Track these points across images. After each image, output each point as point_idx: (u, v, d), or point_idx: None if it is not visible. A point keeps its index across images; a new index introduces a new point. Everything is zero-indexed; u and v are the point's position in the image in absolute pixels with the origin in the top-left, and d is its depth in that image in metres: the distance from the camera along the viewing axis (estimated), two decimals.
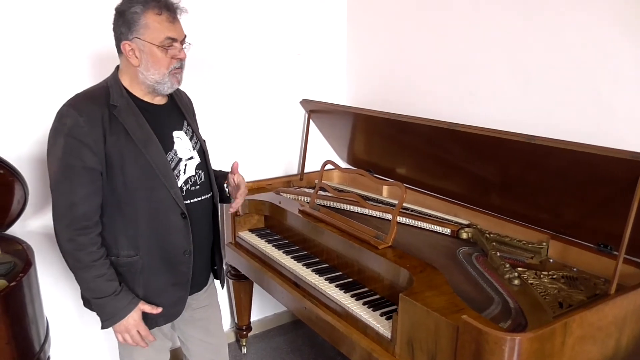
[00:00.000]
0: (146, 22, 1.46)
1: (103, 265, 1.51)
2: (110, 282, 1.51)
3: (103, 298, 1.51)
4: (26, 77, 2.08)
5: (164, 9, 1.48)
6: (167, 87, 1.56)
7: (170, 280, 1.62)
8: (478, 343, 1.29)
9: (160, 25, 1.47)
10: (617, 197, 1.57)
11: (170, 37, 1.49)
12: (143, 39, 1.47)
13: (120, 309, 1.53)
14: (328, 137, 2.89)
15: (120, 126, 1.48)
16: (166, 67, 1.51)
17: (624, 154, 1.45)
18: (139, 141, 1.50)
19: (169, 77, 1.53)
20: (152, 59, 1.49)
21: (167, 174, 1.54)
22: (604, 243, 1.73)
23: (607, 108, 1.79)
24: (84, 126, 1.43)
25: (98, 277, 1.50)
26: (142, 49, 1.48)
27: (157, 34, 1.47)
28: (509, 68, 2.08)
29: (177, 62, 1.53)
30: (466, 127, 1.92)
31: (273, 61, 2.72)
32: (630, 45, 1.69)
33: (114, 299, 1.51)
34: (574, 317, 1.36)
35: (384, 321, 1.68)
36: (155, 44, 1.48)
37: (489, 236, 2.02)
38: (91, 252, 1.49)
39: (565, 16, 1.86)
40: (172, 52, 1.51)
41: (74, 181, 1.45)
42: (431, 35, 2.41)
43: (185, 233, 1.59)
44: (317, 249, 2.19)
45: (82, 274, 1.50)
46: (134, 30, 1.47)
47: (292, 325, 3.09)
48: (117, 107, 1.49)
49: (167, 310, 1.65)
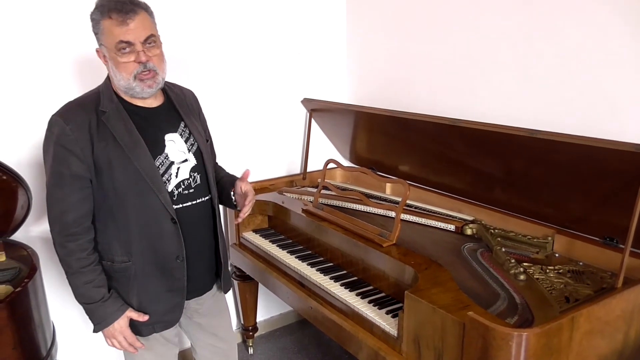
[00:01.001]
0: (103, 27, 1.43)
1: (92, 271, 1.52)
2: (98, 288, 1.53)
3: (92, 304, 1.54)
4: (26, 82, 2.08)
5: (114, 11, 1.41)
6: (138, 91, 1.50)
7: (165, 286, 1.61)
8: (485, 339, 1.29)
9: (111, 29, 1.42)
10: (621, 189, 1.56)
11: (123, 41, 1.42)
12: (105, 45, 1.46)
13: (108, 314, 1.54)
14: (330, 135, 2.89)
15: (108, 132, 1.48)
16: (128, 72, 1.46)
17: (628, 146, 1.44)
18: (127, 147, 1.49)
19: (135, 81, 1.47)
20: (114, 64, 1.46)
21: (155, 179, 1.52)
22: (610, 236, 1.72)
23: (610, 101, 1.77)
24: (70, 134, 1.44)
25: (87, 284, 1.52)
26: (107, 55, 1.47)
27: (111, 39, 1.42)
28: (510, 63, 2.07)
29: (140, 66, 1.46)
30: (468, 122, 1.91)
31: (273, 61, 2.71)
32: (632, 37, 1.68)
33: (102, 305, 1.53)
34: (581, 311, 1.36)
35: (390, 319, 1.68)
36: (111, 49, 1.44)
37: (494, 232, 2.01)
38: (80, 258, 1.50)
39: (567, 11, 1.84)
40: (131, 57, 1.44)
41: (63, 188, 1.47)
42: (431, 31, 2.40)
43: (176, 238, 1.58)
44: (322, 248, 2.19)
45: (72, 279, 1.53)
46: (98, 38, 1.46)
47: (298, 325, 3.09)
48: (105, 112, 1.49)
49: (163, 317, 1.64)
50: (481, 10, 2.15)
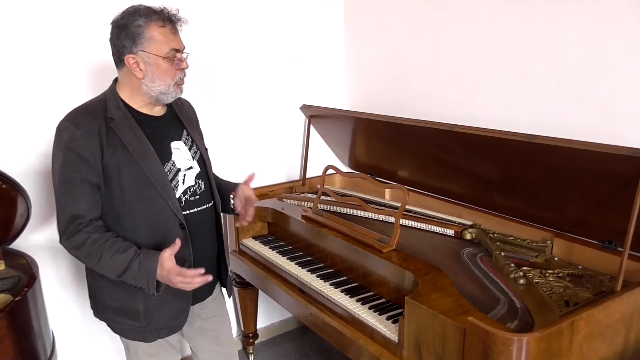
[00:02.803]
0: (150, 34, 1.48)
1: (113, 243, 1.49)
2: (126, 251, 1.48)
3: (130, 268, 1.47)
4: (30, 91, 2.09)
5: (167, 21, 1.51)
6: (171, 96, 1.59)
7: (171, 292, 1.61)
8: (485, 344, 1.29)
9: (164, 37, 1.50)
10: (619, 193, 1.56)
11: (175, 48, 1.52)
12: (148, 51, 1.49)
13: (151, 263, 1.47)
14: (329, 141, 2.90)
15: (117, 139, 1.50)
16: (172, 78, 1.55)
17: (624, 150, 1.45)
18: (136, 153, 1.50)
19: (173, 87, 1.56)
20: (159, 70, 1.52)
21: (165, 185, 1.54)
22: (609, 239, 1.73)
23: (606, 104, 1.79)
24: (81, 139, 1.45)
25: (114, 254, 1.48)
26: (147, 61, 1.50)
27: (162, 45, 1.50)
28: (508, 67, 2.08)
29: (181, 73, 1.56)
30: (466, 127, 1.92)
31: (272, 68, 2.73)
32: (628, 41, 1.70)
33: (138, 258, 1.47)
34: (581, 315, 1.36)
35: (390, 325, 1.68)
36: (160, 56, 1.50)
37: (493, 236, 2.01)
38: (95, 240, 1.48)
39: (563, 13, 1.86)
40: (177, 63, 1.54)
41: (74, 193, 1.48)
42: (428, 37, 2.41)
43: (184, 244, 1.58)
44: (322, 254, 2.19)
45: (100, 263, 1.48)
46: (138, 43, 1.48)
47: (298, 332, 3.08)
48: (114, 119, 1.51)
49: (168, 322, 1.65)
50: (478, 16, 2.16)
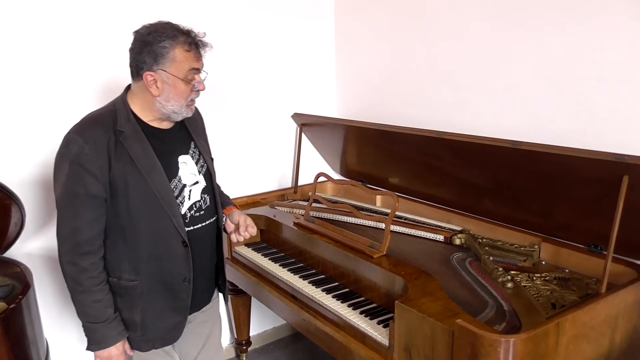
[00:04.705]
0: (174, 56, 1.47)
1: (102, 290, 1.52)
2: (105, 309, 1.52)
3: (96, 323, 1.52)
4: (28, 101, 2.10)
5: (194, 46, 1.50)
6: (182, 116, 1.58)
7: (169, 306, 1.62)
8: (474, 346, 1.31)
9: (187, 60, 1.49)
10: (603, 197, 1.60)
11: (195, 68, 1.52)
12: (168, 72, 1.48)
13: (109, 337, 1.53)
14: (320, 149, 2.93)
15: (125, 152, 1.48)
16: (185, 98, 1.53)
17: (606, 156, 1.48)
18: (144, 169, 1.50)
19: (185, 107, 1.55)
20: (175, 90, 1.50)
21: (170, 203, 1.54)
22: (594, 243, 1.76)
23: (590, 112, 1.83)
24: (89, 153, 1.43)
25: (95, 302, 1.51)
26: (166, 81, 1.49)
27: (183, 67, 1.49)
28: (495, 75, 2.13)
29: (195, 94, 1.56)
30: (453, 135, 1.95)
31: (264, 77, 2.75)
32: (612, 50, 1.74)
33: (106, 326, 1.52)
34: (567, 317, 1.39)
35: (381, 329, 1.70)
36: (180, 78, 1.49)
37: (482, 241, 2.05)
38: (92, 277, 1.49)
39: (549, 23, 1.91)
40: (194, 85, 1.53)
41: (77, 207, 1.46)
42: (418, 46, 2.45)
43: (185, 261, 1.59)
44: (313, 261, 2.21)
45: (80, 297, 1.51)
46: (160, 63, 1.47)
47: (291, 338, 3.09)
48: (123, 132, 1.49)
49: (164, 334, 1.65)
50: (467, 26, 2.21)
